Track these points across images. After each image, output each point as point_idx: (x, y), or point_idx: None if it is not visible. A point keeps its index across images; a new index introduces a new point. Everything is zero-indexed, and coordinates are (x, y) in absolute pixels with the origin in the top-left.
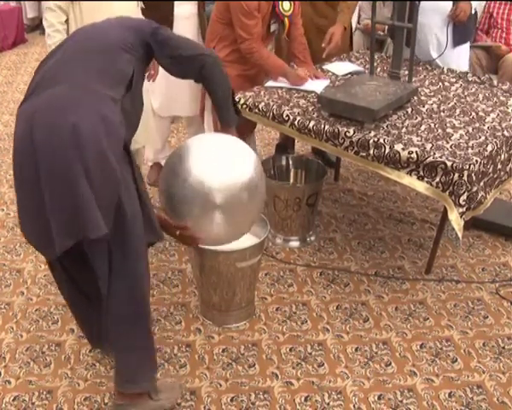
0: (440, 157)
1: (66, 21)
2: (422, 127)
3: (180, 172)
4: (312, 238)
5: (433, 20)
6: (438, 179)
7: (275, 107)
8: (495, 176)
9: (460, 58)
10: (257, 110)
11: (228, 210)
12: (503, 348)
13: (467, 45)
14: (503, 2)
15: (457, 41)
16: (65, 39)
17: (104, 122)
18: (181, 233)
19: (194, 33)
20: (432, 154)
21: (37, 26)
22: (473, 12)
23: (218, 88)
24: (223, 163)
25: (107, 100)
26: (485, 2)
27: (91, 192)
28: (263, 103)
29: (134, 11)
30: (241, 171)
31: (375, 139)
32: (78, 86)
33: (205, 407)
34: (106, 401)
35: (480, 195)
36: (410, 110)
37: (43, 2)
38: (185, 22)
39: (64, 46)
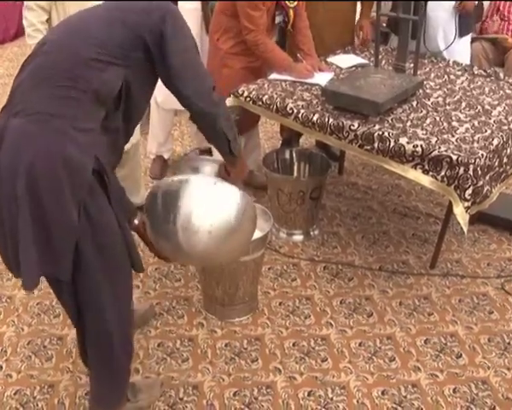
0: (446, 151)
1: (48, 20)
2: (428, 121)
3: (163, 226)
4: (316, 232)
5: (440, 13)
6: (443, 173)
7: (278, 100)
8: (501, 170)
9: (464, 49)
10: (260, 103)
11: (202, 262)
12: (509, 343)
13: (469, 36)
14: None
15: (462, 32)
16: (46, 36)
17: (64, 162)
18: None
19: (197, 27)
20: (437, 147)
21: None
22: (476, 3)
23: (205, 134)
24: (202, 229)
25: (74, 134)
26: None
27: (33, 240)
28: (266, 96)
29: None
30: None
31: (380, 133)
32: (43, 120)
33: (207, 402)
34: None
35: (485, 189)
36: (415, 103)
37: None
38: (188, 16)
39: (44, 48)
